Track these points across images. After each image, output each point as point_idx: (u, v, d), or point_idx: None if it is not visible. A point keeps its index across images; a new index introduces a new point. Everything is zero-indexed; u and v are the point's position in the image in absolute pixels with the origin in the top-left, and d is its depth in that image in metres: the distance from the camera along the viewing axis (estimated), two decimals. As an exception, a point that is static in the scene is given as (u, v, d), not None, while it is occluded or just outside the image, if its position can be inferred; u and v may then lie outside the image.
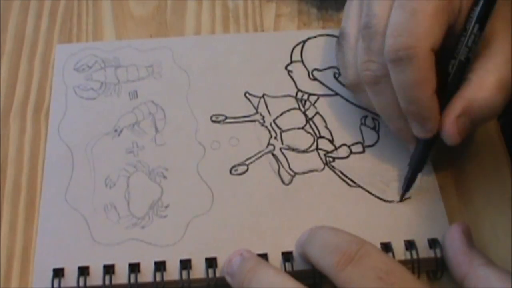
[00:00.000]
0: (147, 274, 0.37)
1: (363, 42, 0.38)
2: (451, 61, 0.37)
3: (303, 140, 0.42)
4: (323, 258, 0.34)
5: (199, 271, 0.37)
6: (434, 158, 0.41)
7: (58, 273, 0.36)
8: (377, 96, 0.39)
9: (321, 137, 0.42)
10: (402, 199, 0.40)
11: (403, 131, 0.39)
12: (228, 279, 0.36)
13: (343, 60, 0.42)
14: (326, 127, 0.43)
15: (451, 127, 0.37)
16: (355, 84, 0.40)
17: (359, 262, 0.33)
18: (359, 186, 0.40)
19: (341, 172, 0.41)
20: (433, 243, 0.38)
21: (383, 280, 0.32)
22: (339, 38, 0.42)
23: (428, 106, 0.37)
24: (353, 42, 0.40)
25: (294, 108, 0.43)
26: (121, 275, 0.36)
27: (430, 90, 0.36)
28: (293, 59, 0.46)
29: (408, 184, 0.40)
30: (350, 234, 0.35)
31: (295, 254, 0.37)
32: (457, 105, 0.37)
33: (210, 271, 0.37)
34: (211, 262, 0.37)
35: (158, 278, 0.36)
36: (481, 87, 0.36)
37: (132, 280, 0.36)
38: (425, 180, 0.40)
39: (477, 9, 0.36)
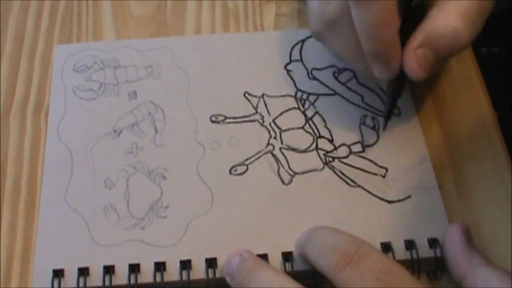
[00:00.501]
0: (147, 275, 0.37)
1: None
2: None
3: (303, 140, 0.42)
4: (322, 258, 0.34)
5: (199, 271, 0.37)
6: (434, 158, 0.41)
7: (58, 273, 0.36)
8: (336, 38, 0.38)
9: (320, 136, 0.42)
10: (384, 129, 0.40)
11: (366, 70, 0.39)
12: (228, 279, 0.36)
13: (308, 11, 0.41)
14: (326, 126, 0.43)
15: (410, 59, 0.36)
16: (318, 32, 0.40)
17: (358, 263, 0.33)
18: (358, 185, 0.40)
19: (341, 172, 0.41)
20: (433, 242, 0.38)
21: (382, 281, 0.32)
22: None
23: (392, 45, 0.36)
24: None
25: (293, 108, 0.43)
26: (121, 276, 0.37)
27: (394, 29, 0.36)
28: (292, 58, 0.45)
29: (389, 111, 0.40)
30: (349, 234, 0.35)
31: (295, 254, 0.37)
32: (417, 37, 0.36)
33: (210, 271, 0.37)
34: (211, 263, 0.37)
35: (158, 279, 0.36)
36: (441, 16, 0.36)
37: (132, 281, 0.36)
38: (425, 180, 0.40)
39: None
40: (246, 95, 0.44)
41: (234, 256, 0.36)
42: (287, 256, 0.37)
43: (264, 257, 0.37)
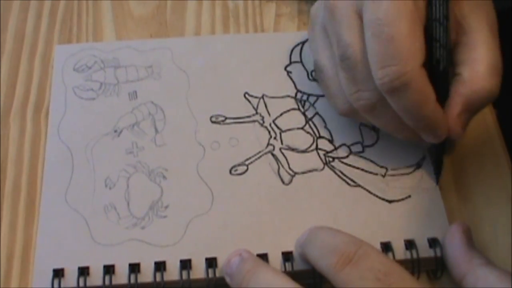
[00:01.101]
0: (147, 274, 0.37)
1: (345, 73, 0.38)
2: (436, 52, 0.37)
3: (303, 140, 0.42)
4: (321, 259, 0.34)
5: (199, 271, 0.37)
6: (434, 157, 0.41)
7: (58, 273, 0.36)
8: (377, 119, 0.39)
9: (320, 137, 0.42)
10: (438, 183, 0.40)
11: (413, 138, 0.39)
12: (227, 279, 0.36)
13: (327, 92, 0.41)
14: (326, 127, 0.43)
15: (455, 127, 0.37)
16: (348, 112, 0.40)
17: (358, 263, 0.33)
18: (359, 185, 0.40)
19: (341, 172, 0.41)
20: (433, 242, 0.38)
21: (381, 281, 0.32)
22: (316, 72, 0.42)
23: (434, 117, 0.37)
24: (332, 73, 0.40)
25: (293, 109, 0.43)
26: (121, 275, 0.37)
27: (432, 103, 0.36)
28: (292, 60, 0.45)
29: (437, 167, 0.40)
30: (349, 234, 0.35)
31: (295, 254, 0.37)
32: (457, 103, 0.37)
33: (210, 271, 0.37)
34: (211, 262, 0.37)
35: (158, 278, 0.36)
36: (475, 79, 0.36)
37: (132, 280, 0.36)
38: (425, 180, 0.40)
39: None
40: (247, 95, 0.44)
41: (233, 256, 0.36)
42: (287, 256, 0.37)
43: (264, 256, 0.37)
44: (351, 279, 0.33)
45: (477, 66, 0.36)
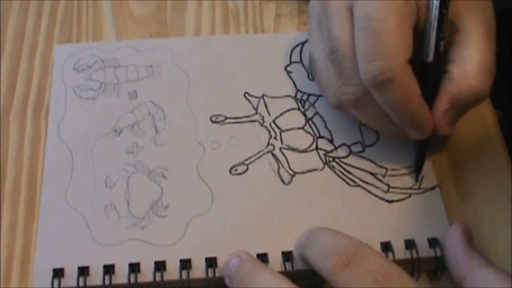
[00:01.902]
0: (147, 274, 0.37)
1: (333, 67, 0.38)
2: (426, 54, 0.37)
3: (303, 140, 0.42)
4: (320, 260, 0.34)
5: (199, 271, 0.37)
6: (434, 158, 0.41)
7: (58, 273, 0.36)
8: (362, 114, 0.39)
9: (320, 137, 0.42)
10: (417, 180, 0.40)
11: (398, 134, 0.39)
12: (227, 281, 0.36)
13: (319, 85, 0.41)
14: (326, 127, 0.43)
15: (441, 124, 0.37)
16: (338, 105, 0.40)
17: (357, 265, 0.33)
18: (358, 185, 0.40)
19: (341, 172, 0.41)
20: (433, 242, 0.38)
21: (380, 283, 0.32)
22: (310, 64, 0.42)
23: (418, 113, 0.37)
24: (323, 66, 0.40)
25: (293, 109, 0.43)
26: (121, 275, 0.37)
27: (417, 99, 0.36)
28: (292, 60, 0.46)
29: (418, 164, 0.40)
30: (348, 236, 0.35)
31: (294, 254, 0.37)
32: (443, 101, 0.37)
33: (210, 271, 0.37)
34: (211, 262, 0.37)
35: (158, 278, 0.36)
36: (463, 78, 0.36)
37: (132, 280, 0.36)
38: (425, 180, 0.40)
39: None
40: (247, 95, 0.44)
41: (232, 258, 0.36)
42: (287, 256, 0.37)
43: (264, 256, 0.37)
44: (350, 280, 0.33)
45: (467, 64, 0.36)
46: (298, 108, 0.43)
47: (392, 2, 0.35)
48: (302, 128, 0.43)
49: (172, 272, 0.37)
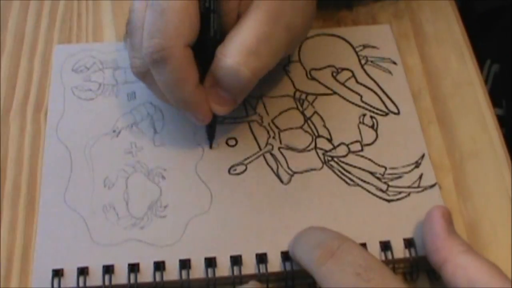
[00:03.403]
0: (146, 274, 0.37)
1: (129, 37, 0.39)
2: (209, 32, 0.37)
3: (302, 139, 0.42)
4: (306, 253, 0.35)
5: (198, 271, 0.37)
6: (434, 157, 0.41)
7: (58, 273, 0.36)
8: (150, 87, 0.40)
9: (319, 136, 0.42)
10: (211, 147, 0.41)
11: (185, 114, 0.40)
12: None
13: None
14: (325, 126, 0.42)
15: (209, 100, 0.38)
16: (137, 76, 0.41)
17: (339, 257, 0.33)
18: (357, 184, 0.40)
19: (340, 171, 0.41)
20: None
21: (361, 276, 0.32)
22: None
23: (192, 101, 0.37)
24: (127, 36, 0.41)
25: (292, 108, 0.43)
26: (121, 275, 0.37)
27: (191, 86, 0.37)
28: (291, 59, 0.45)
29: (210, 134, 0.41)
30: (335, 232, 0.35)
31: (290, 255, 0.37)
32: (207, 78, 0.38)
33: (210, 270, 0.37)
34: (210, 262, 0.37)
35: (157, 278, 0.36)
36: (220, 55, 0.37)
37: (132, 280, 0.36)
38: (425, 179, 0.40)
39: None
40: (245, 95, 0.44)
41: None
42: (286, 256, 0.37)
43: (263, 256, 0.37)
44: (331, 272, 0.33)
45: (228, 43, 0.37)
46: (297, 108, 0.43)
47: None
48: (301, 127, 0.43)
49: (172, 272, 0.37)
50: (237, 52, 0.36)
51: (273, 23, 0.37)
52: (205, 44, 0.37)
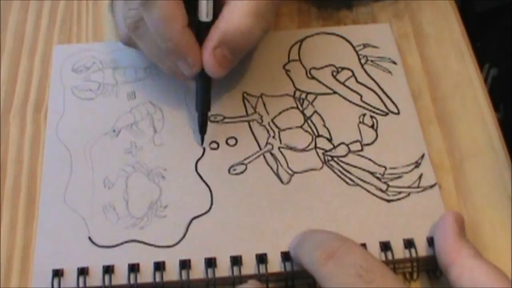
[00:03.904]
0: (146, 275, 0.37)
1: None
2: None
3: (302, 139, 0.42)
4: (307, 254, 0.35)
5: (198, 271, 0.37)
6: (434, 157, 0.41)
7: (58, 273, 0.36)
8: (140, 40, 0.40)
9: (319, 135, 0.42)
10: (202, 142, 0.41)
11: (175, 71, 0.40)
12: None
13: (114, 20, 0.43)
14: (325, 125, 0.42)
15: (209, 59, 0.38)
16: (125, 36, 0.41)
17: (340, 258, 0.33)
18: (357, 184, 0.40)
19: (340, 171, 0.41)
20: (432, 241, 0.37)
21: (362, 277, 0.32)
22: (112, 2, 0.44)
23: (181, 41, 0.38)
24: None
25: (292, 107, 0.43)
26: (121, 276, 0.37)
27: (179, 24, 0.38)
28: (290, 58, 0.45)
29: (201, 126, 0.41)
30: (337, 233, 0.36)
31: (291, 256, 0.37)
32: (213, 37, 0.38)
33: (210, 271, 0.37)
34: (210, 262, 0.37)
35: (157, 279, 0.36)
36: (233, 16, 0.38)
37: (132, 281, 0.36)
38: (425, 179, 0.40)
39: None
40: (245, 95, 0.44)
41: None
42: (286, 256, 0.37)
43: (263, 256, 0.37)
44: (332, 273, 0.33)
45: (238, 6, 0.38)
46: (297, 107, 0.43)
47: None
48: (301, 127, 0.43)
49: (172, 273, 0.37)
50: (250, 15, 0.37)
51: None
52: None
